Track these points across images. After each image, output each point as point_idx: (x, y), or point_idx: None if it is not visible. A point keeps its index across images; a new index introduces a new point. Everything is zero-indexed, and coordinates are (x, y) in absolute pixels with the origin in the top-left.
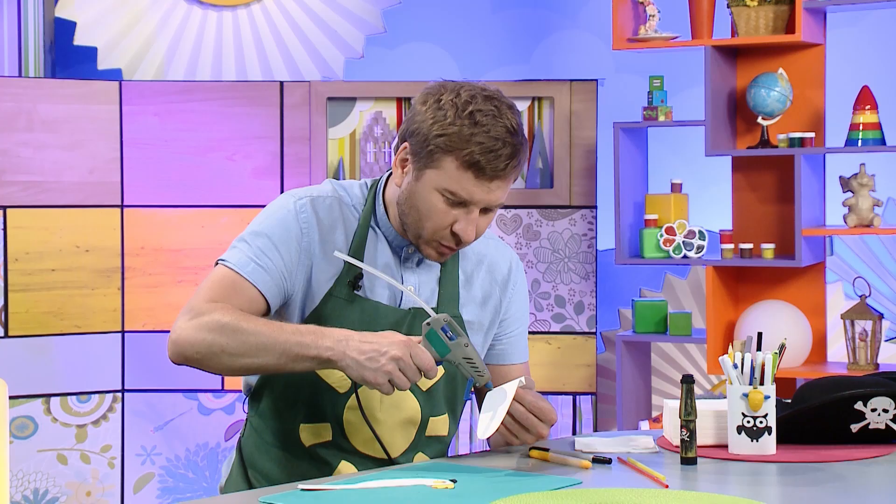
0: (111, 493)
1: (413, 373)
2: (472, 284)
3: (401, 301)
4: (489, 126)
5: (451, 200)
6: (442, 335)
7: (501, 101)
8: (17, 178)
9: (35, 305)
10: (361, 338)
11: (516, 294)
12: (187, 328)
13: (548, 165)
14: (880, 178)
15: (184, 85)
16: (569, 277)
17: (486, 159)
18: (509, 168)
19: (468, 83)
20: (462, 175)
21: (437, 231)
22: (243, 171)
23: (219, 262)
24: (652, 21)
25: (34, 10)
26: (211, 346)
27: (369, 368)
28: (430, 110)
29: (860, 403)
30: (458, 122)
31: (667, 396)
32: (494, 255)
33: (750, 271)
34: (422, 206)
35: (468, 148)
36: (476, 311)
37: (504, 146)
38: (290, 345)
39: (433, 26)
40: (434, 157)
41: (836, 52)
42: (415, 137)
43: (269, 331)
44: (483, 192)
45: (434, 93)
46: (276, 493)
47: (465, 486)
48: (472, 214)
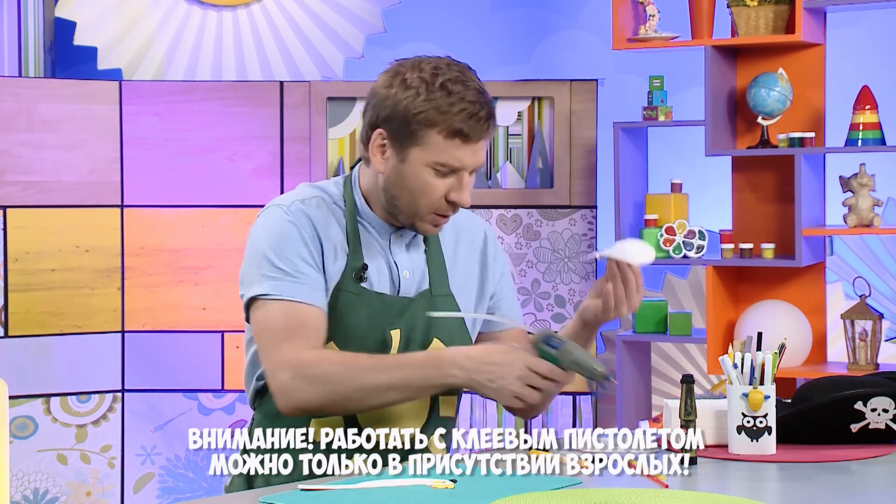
0: (111, 493)
1: (539, 382)
2: (457, 258)
3: (399, 288)
4: (462, 92)
5: (441, 172)
6: (548, 349)
7: (460, 65)
8: (17, 178)
9: (35, 305)
10: (482, 359)
11: (497, 260)
12: (300, 386)
13: (548, 165)
14: (880, 178)
15: (184, 85)
16: (569, 277)
17: (468, 125)
18: (490, 128)
19: (421, 57)
20: (450, 144)
21: (434, 204)
22: (243, 171)
23: (259, 298)
24: (652, 21)
25: (34, 10)
26: (332, 397)
27: (494, 389)
28: (399, 92)
29: (860, 403)
30: (433, 96)
31: (667, 396)
32: (468, 225)
33: (750, 271)
34: (413, 184)
35: (450, 117)
36: (463, 285)
37: (482, 108)
38: (413, 379)
39: (433, 26)
40: (418, 135)
41: (836, 52)
42: (391, 122)
43: (386, 369)
44: (471, 156)
45: (395, 74)
46: (276, 493)
47: (465, 486)
48: (465, 179)
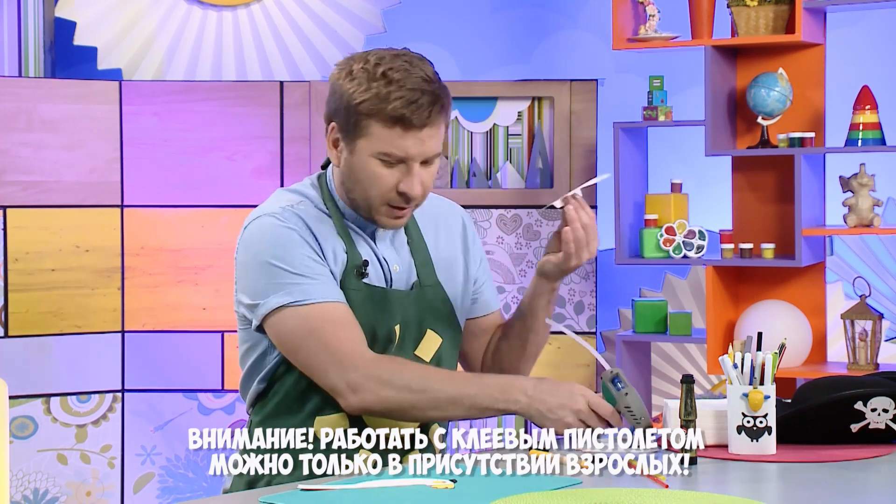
0: (111, 493)
1: (594, 421)
2: (439, 246)
3: (391, 282)
4: (403, 80)
5: (387, 162)
6: (611, 386)
7: (411, 55)
8: (17, 178)
9: (35, 305)
10: (549, 390)
11: (475, 245)
12: (372, 387)
13: (548, 165)
14: (880, 178)
15: (184, 85)
16: (569, 277)
17: (409, 111)
18: (434, 114)
19: (375, 49)
20: (391, 133)
21: (384, 195)
22: (243, 171)
23: (286, 307)
24: (652, 21)
25: (34, 10)
26: (401, 404)
27: (551, 419)
28: (345, 83)
29: (860, 403)
30: (373, 85)
31: (667, 396)
32: (445, 213)
33: (750, 271)
34: (362, 176)
35: (389, 105)
36: (448, 273)
37: (423, 94)
38: (480, 398)
39: (433, 26)
40: (360, 126)
41: (836, 52)
42: (338, 114)
43: (457, 383)
44: (416, 145)
45: (345, 67)
46: (276, 493)
47: (465, 486)
48: (413, 169)
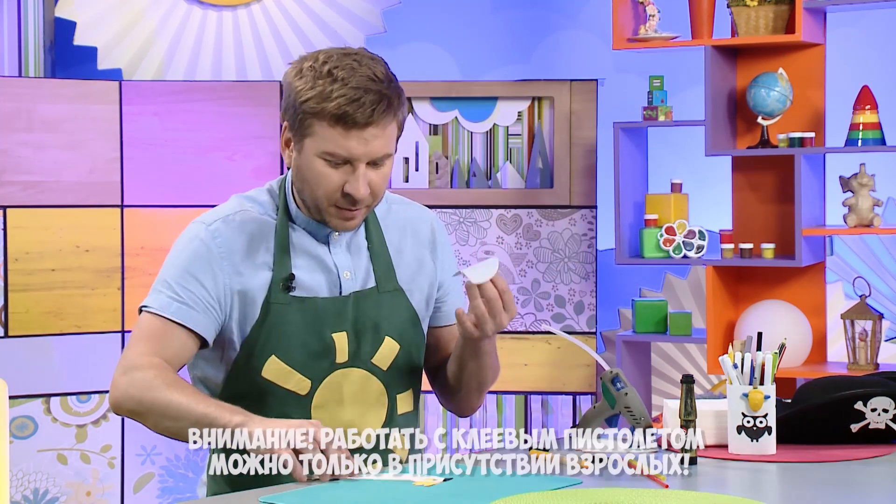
0: (111, 493)
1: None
2: (403, 253)
3: (340, 288)
4: (348, 78)
5: (332, 162)
6: (611, 387)
7: (362, 55)
8: (17, 178)
9: (35, 305)
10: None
11: (445, 253)
12: (120, 384)
13: (548, 165)
14: (880, 178)
15: (183, 85)
16: (569, 277)
17: (351, 108)
18: (378, 114)
19: (330, 48)
20: (333, 132)
21: (330, 196)
22: (243, 171)
23: (143, 309)
24: (652, 21)
25: (34, 10)
26: (140, 403)
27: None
28: (294, 81)
29: (860, 403)
30: (318, 83)
31: (667, 396)
32: (414, 218)
33: (750, 271)
34: (309, 176)
35: (331, 103)
36: (413, 280)
37: (366, 93)
38: (198, 416)
39: (433, 26)
40: (305, 125)
41: (836, 52)
42: (288, 113)
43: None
44: (360, 145)
45: (297, 65)
46: (276, 492)
47: (464, 486)
48: (359, 171)
